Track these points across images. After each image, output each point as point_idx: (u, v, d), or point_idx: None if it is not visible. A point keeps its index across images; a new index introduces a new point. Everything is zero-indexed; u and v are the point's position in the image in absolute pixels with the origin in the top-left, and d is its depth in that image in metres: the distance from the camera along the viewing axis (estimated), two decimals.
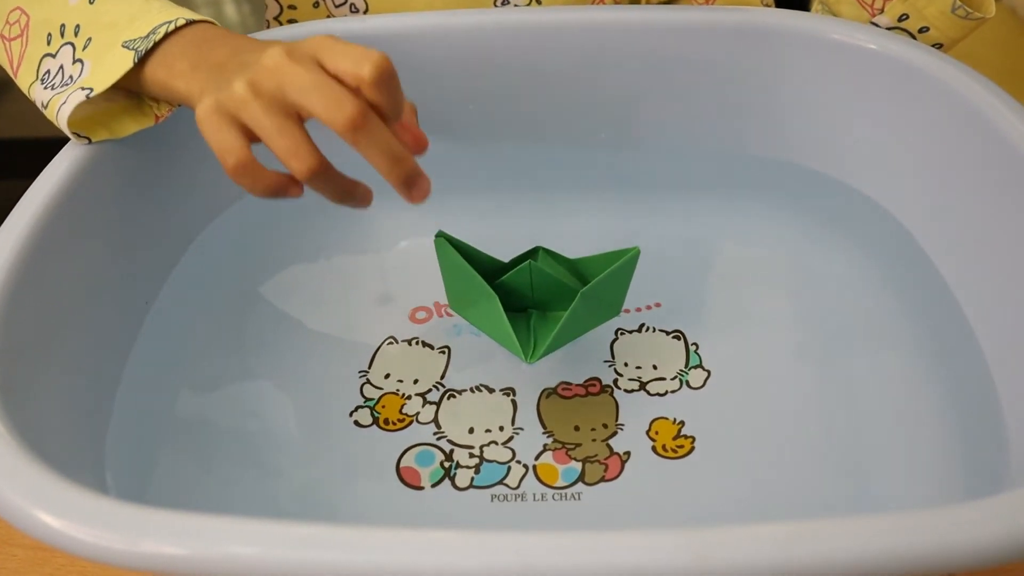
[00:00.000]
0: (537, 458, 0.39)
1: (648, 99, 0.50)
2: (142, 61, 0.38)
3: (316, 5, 0.53)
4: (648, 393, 0.42)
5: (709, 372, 0.42)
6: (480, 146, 0.52)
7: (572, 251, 0.43)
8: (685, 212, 0.50)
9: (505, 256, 0.43)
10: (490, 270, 0.41)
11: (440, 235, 0.41)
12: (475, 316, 0.42)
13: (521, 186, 0.52)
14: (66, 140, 0.41)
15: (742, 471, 0.39)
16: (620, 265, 0.40)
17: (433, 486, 0.38)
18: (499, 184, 0.52)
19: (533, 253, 0.43)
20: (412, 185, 0.34)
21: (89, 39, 0.40)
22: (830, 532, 0.25)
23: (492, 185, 0.52)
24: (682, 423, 0.40)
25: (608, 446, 0.40)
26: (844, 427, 0.40)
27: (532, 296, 0.42)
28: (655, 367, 0.43)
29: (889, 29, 0.47)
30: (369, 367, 0.43)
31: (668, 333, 0.44)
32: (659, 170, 0.52)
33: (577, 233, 0.49)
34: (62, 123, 0.39)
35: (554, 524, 0.37)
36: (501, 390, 0.42)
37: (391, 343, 0.44)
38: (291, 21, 0.55)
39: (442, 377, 0.43)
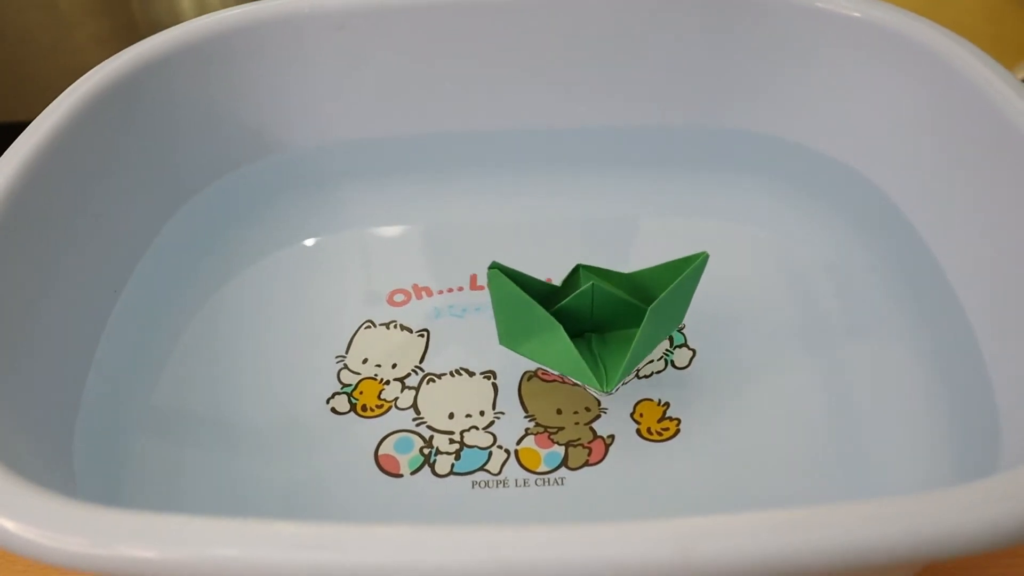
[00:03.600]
0: (519, 443, 0.38)
1: (627, 73, 0.49)
2: None
3: None
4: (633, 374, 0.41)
5: (695, 351, 0.42)
6: (450, 125, 0.50)
7: (555, 233, 0.41)
8: (667, 189, 0.49)
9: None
10: (544, 296, 0.38)
11: (494, 266, 0.37)
12: (533, 349, 0.38)
13: (481, 166, 0.51)
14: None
15: (727, 455, 0.38)
16: (689, 273, 0.37)
17: (412, 473, 0.37)
18: (466, 164, 0.51)
19: (574, 272, 0.40)
20: None
21: None
22: (819, 520, 0.24)
23: (463, 166, 0.51)
24: (667, 405, 0.39)
25: (591, 429, 0.39)
26: (832, 408, 0.39)
27: (591, 319, 0.39)
28: None
29: None
30: (346, 352, 0.42)
31: None
32: (640, 147, 0.51)
33: (558, 213, 0.49)
34: None
35: (537, 510, 0.36)
36: (482, 373, 0.41)
37: (369, 327, 0.43)
38: None
39: (421, 361, 0.42)
